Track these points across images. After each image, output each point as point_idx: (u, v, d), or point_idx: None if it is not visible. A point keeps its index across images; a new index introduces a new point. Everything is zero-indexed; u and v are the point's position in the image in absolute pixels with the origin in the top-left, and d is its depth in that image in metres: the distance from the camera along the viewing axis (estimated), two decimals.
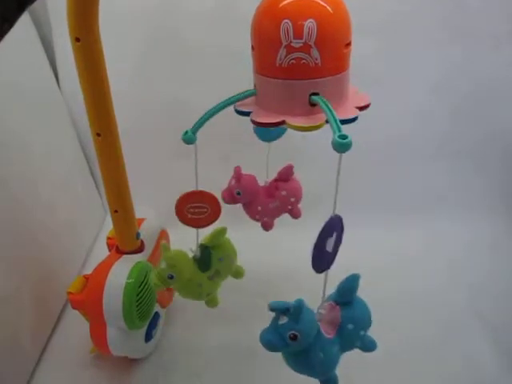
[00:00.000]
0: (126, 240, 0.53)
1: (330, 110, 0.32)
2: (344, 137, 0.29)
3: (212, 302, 0.51)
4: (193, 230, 0.46)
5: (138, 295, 0.50)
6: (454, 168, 0.83)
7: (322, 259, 0.33)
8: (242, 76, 0.46)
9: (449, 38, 0.74)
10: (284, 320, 0.32)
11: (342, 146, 0.29)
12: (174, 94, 0.77)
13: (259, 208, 0.52)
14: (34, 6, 0.75)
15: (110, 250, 0.57)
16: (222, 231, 0.47)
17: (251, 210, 0.52)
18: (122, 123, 0.46)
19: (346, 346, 0.36)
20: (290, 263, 0.68)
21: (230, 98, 0.38)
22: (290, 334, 0.32)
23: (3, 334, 0.51)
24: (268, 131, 0.49)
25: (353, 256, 0.51)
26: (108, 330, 0.50)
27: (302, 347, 0.33)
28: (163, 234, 0.61)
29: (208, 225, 0.46)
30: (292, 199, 0.52)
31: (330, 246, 0.32)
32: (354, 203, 0.56)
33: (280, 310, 0.32)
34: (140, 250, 0.54)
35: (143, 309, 0.51)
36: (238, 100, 0.38)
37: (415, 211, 0.79)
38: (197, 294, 0.48)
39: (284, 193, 0.51)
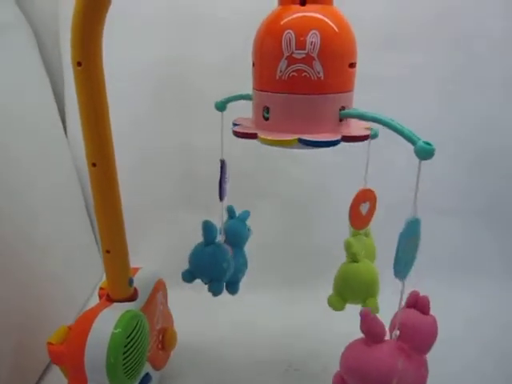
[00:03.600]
0: (117, 286, 0.48)
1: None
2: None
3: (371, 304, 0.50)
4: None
5: (125, 347, 0.44)
6: (468, 227, 0.79)
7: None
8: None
9: (473, 92, 0.75)
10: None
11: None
12: (178, 141, 0.77)
13: None
14: (49, 58, 0.77)
15: None
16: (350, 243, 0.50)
17: None
18: (122, 170, 0.44)
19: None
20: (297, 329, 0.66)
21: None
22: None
23: None
24: None
25: None
26: None
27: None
28: (160, 284, 0.56)
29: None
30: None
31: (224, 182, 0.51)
32: None
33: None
34: (133, 298, 0.49)
35: (131, 365, 0.45)
36: None
37: (425, 274, 0.73)
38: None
39: None
